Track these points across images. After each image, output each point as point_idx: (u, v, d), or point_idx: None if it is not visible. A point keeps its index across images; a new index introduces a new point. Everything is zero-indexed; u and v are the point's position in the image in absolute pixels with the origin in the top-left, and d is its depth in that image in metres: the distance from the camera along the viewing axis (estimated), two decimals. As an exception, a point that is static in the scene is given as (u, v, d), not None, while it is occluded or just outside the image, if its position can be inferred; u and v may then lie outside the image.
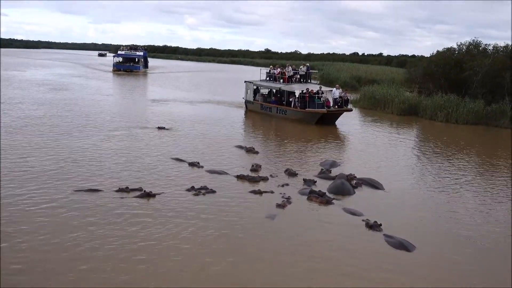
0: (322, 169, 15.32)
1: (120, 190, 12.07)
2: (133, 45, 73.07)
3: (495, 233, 10.71)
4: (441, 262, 9.08)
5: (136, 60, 66.57)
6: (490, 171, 16.88)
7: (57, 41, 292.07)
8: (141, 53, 68.72)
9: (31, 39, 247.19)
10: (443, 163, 17.68)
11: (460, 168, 16.88)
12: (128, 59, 66.63)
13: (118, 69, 64.59)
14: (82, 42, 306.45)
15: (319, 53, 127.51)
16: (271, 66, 31.51)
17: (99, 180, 12.96)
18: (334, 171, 15.16)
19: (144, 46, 77.33)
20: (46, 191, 11.79)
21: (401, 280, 8.31)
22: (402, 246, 9.54)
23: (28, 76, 50.37)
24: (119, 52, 70.35)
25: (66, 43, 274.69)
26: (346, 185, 13.18)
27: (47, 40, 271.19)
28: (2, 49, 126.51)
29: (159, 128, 21.37)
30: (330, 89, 27.34)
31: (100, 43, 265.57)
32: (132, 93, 38.97)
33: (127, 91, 40.12)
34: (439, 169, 16.58)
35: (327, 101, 25.52)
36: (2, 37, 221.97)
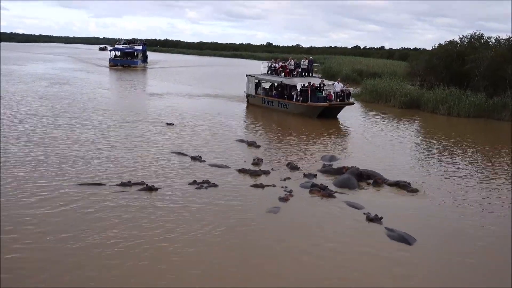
0: (324, 164, 15.37)
1: (123, 184, 12.13)
2: (133, 39, 70.44)
3: (497, 226, 10.75)
4: (440, 255, 9.13)
5: (135, 54, 62.88)
6: (493, 164, 16.89)
7: (58, 35, 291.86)
8: (140, 47, 64.90)
9: (32, 33, 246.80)
10: (445, 156, 17.69)
11: (462, 161, 16.90)
12: (125, 54, 62.83)
13: (115, 64, 60.73)
14: (83, 36, 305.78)
15: (321, 46, 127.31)
16: (272, 59, 31.45)
17: (102, 174, 13.02)
18: (335, 165, 15.19)
19: (143, 40, 73.80)
20: (49, 185, 11.85)
21: (398, 271, 8.38)
22: (403, 239, 9.60)
23: (29, 70, 50.38)
24: (116, 45, 65.79)
25: (68, 37, 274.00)
26: (352, 180, 13.25)
27: (48, 34, 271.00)
28: (3, 43, 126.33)
29: (168, 124, 21.09)
30: (332, 82, 27.31)
31: (101, 37, 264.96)
32: (131, 88, 38.94)
33: (125, 87, 40.07)
34: (441, 162, 16.60)
35: (330, 94, 25.49)
36: (4, 31, 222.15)
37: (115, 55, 63.09)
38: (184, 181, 12.76)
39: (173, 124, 21.15)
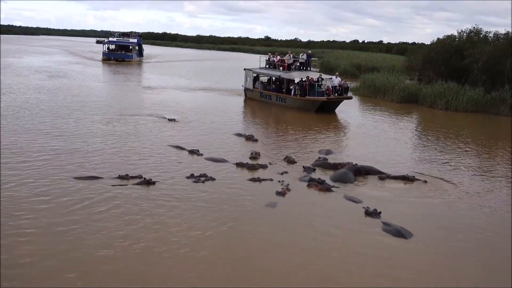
0: (319, 157, 15.36)
1: (120, 177, 12.11)
2: (132, 32, 68.65)
3: (495, 222, 10.78)
4: (435, 250, 9.17)
5: (129, 47, 59.92)
6: (490, 158, 16.92)
7: (56, 27, 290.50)
8: (135, 40, 62.16)
9: (30, 26, 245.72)
10: (442, 150, 17.71)
11: (460, 156, 16.92)
12: (120, 47, 60.13)
13: (109, 58, 58.09)
14: (81, 29, 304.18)
15: (319, 40, 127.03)
16: (269, 53, 31.31)
17: (99, 168, 12.99)
18: (331, 159, 15.19)
19: (138, 32, 70.92)
20: (45, 178, 11.82)
21: (391, 267, 8.41)
22: (399, 233, 9.62)
23: (26, 63, 50.13)
24: (110, 38, 63.00)
25: (65, 30, 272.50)
26: (349, 175, 13.25)
27: (46, 27, 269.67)
28: (1, 36, 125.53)
29: (170, 119, 20.56)
30: (330, 77, 27.27)
31: (99, 30, 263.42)
32: (127, 82, 38.79)
33: (121, 81, 39.91)
34: (439, 157, 16.61)
35: (328, 88, 25.44)
36: (1, 23, 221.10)
37: (109, 48, 60.89)
38: (181, 174, 12.75)
39: (175, 119, 20.67)
